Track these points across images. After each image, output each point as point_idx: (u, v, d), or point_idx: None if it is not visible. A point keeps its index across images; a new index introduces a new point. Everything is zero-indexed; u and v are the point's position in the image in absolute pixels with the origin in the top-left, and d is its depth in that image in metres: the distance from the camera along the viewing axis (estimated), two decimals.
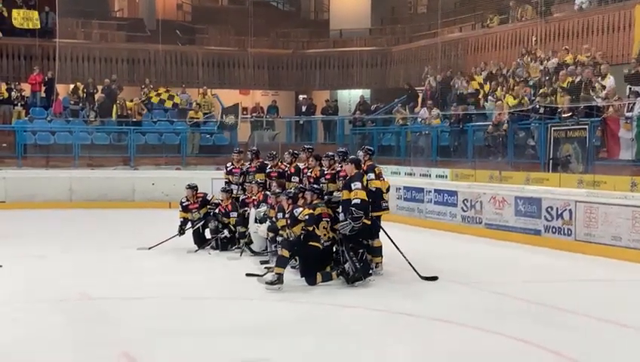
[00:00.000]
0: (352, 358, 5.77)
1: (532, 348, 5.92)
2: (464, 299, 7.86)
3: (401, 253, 8.94)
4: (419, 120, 17.51)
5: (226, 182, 11.49)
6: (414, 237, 12.38)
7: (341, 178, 9.05)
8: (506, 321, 6.80)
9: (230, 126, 19.04)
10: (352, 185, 8.36)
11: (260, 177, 10.86)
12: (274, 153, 11.15)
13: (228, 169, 11.71)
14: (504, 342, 6.12)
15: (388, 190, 9.15)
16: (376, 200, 8.64)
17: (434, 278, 8.77)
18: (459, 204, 13.34)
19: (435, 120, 16.71)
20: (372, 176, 8.73)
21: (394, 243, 9.03)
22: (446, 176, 14.54)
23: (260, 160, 11.26)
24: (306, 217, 8.27)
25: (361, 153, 9.05)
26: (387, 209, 8.81)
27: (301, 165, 10.37)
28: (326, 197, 9.00)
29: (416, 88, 20.06)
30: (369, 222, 8.50)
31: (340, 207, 8.64)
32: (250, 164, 11.37)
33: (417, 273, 8.77)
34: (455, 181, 14.16)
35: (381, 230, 9.00)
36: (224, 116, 19.07)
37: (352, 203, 8.25)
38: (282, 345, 6.03)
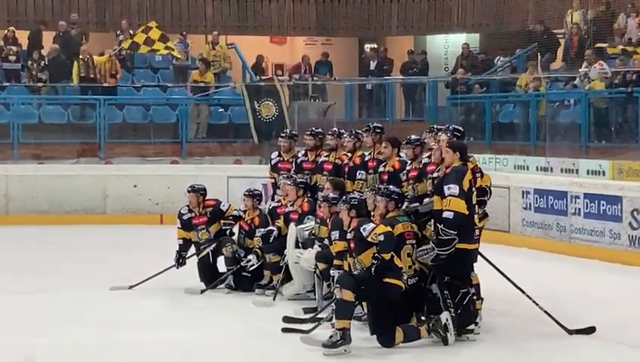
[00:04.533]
0: None
1: None
2: None
3: (525, 293, 8.97)
4: (579, 82, 17.14)
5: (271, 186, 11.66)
6: (550, 271, 12.31)
7: (430, 175, 9.07)
8: None
9: (273, 124, 17.97)
10: (447, 187, 8.39)
11: (321, 182, 10.75)
12: (338, 131, 11.17)
13: (273, 162, 11.79)
14: None
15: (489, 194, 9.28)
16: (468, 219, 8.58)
17: (590, 330, 8.78)
18: (625, 217, 13.18)
19: (593, 81, 16.44)
20: None
21: (508, 279, 9.05)
22: (604, 173, 14.37)
23: (321, 151, 11.19)
24: (381, 238, 8.25)
25: (444, 136, 8.98)
26: (478, 241, 8.82)
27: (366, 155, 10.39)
28: (408, 205, 9.03)
29: (555, 31, 19.81)
30: (472, 247, 8.62)
31: (432, 221, 8.69)
32: (305, 157, 11.35)
33: (561, 325, 8.80)
34: (619, 180, 13.97)
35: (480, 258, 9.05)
36: (256, 104, 18.18)
37: (442, 217, 8.36)
38: None
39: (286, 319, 9.25)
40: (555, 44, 19.60)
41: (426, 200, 9.00)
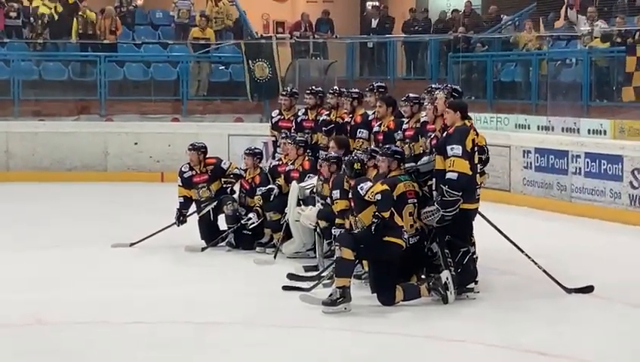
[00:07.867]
0: None
1: None
2: None
3: (524, 252, 8.97)
4: (581, 38, 17.10)
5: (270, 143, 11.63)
6: (550, 230, 12.36)
7: (429, 133, 9.08)
8: None
9: (266, 85, 18.20)
10: (449, 148, 8.40)
11: (321, 140, 10.81)
12: (339, 89, 11.15)
13: (274, 120, 11.82)
14: None
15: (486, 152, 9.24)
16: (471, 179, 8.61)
17: (588, 289, 8.81)
18: (625, 176, 13.17)
19: (594, 39, 16.37)
20: None
21: (507, 237, 9.05)
22: (605, 132, 14.36)
23: (321, 110, 11.24)
24: (378, 197, 8.26)
25: (441, 95, 8.96)
26: (478, 200, 8.84)
27: (370, 114, 10.42)
28: (409, 165, 9.03)
29: None
30: (473, 206, 8.64)
31: (433, 180, 8.68)
32: (305, 115, 11.38)
33: (559, 284, 8.83)
34: (620, 139, 13.97)
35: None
36: (251, 64, 18.35)
37: (445, 178, 8.36)
38: None
39: (290, 276, 9.31)
40: (557, 3, 19.48)
41: (424, 158, 9.00)
